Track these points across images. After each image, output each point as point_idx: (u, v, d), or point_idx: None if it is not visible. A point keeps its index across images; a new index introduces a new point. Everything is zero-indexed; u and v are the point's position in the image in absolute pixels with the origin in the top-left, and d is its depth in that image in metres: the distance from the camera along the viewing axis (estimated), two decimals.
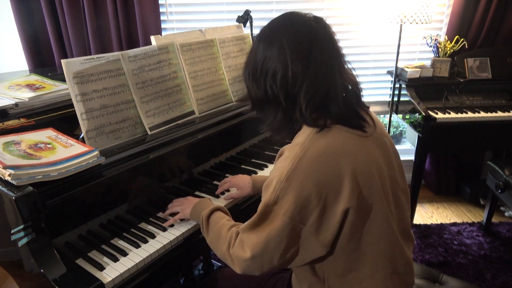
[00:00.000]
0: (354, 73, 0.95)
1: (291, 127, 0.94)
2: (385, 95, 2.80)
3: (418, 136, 2.30)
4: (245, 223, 0.92)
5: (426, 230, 2.41)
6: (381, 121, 1.02)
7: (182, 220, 1.19)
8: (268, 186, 0.88)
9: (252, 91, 0.95)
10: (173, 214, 1.21)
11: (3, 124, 1.20)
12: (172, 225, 1.17)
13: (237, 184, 1.33)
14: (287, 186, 0.84)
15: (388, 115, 2.58)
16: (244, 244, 0.90)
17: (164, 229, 1.16)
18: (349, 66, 0.94)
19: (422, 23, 2.19)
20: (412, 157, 2.44)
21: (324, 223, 0.85)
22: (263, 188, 0.91)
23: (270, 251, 0.87)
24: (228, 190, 1.37)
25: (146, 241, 1.11)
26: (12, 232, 0.91)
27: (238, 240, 0.92)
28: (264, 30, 0.94)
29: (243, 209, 1.32)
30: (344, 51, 0.92)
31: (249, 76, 0.94)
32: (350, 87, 0.93)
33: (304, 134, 0.89)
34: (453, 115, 2.21)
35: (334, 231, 0.85)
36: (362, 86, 0.96)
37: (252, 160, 1.62)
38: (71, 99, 1.12)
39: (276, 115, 0.93)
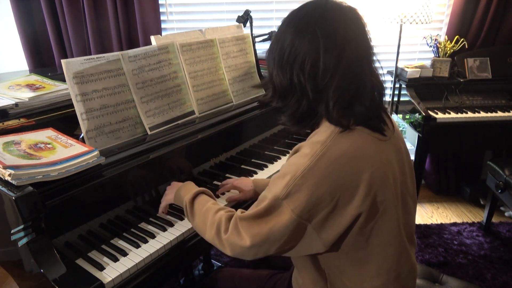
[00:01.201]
0: (381, 72, 0.91)
1: (310, 120, 0.91)
2: (385, 95, 2.80)
3: (418, 136, 2.30)
4: (246, 212, 0.90)
5: (426, 230, 2.41)
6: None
7: (181, 220, 1.19)
8: (280, 178, 0.85)
9: (276, 78, 0.90)
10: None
11: (3, 124, 1.20)
12: (172, 225, 1.17)
13: (240, 187, 1.31)
14: (301, 183, 0.81)
15: None
16: (241, 232, 0.87)
17: (164, 229, 1.16)
18: (378, 64, 0.90)
19: (422, 23, 2.19)
20: (412, 157, 2.44)
21: (330, 222, 0.83)
22: (273, 180, 0.88)
23: (270, 242, 0.85)
24: (228, 191, 1.36)
25: (146, 241, 1.11)
26: (12, 232, 0.91)
27: (233, 227, 0.89)
28: (295, 15, 0.88)
29: (245, 208, 1.31)
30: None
31: (274, 61, 0.89)
32: (376, 86, 0.89)
33: (325, 132, 0.86)
34: (453, 115, 2.21)
35: (339, 232, 0.84)
36: None
37: (252, 160, 1.62)
38: (71, 99, 1.12)
39: (299, 106, 0.88)
